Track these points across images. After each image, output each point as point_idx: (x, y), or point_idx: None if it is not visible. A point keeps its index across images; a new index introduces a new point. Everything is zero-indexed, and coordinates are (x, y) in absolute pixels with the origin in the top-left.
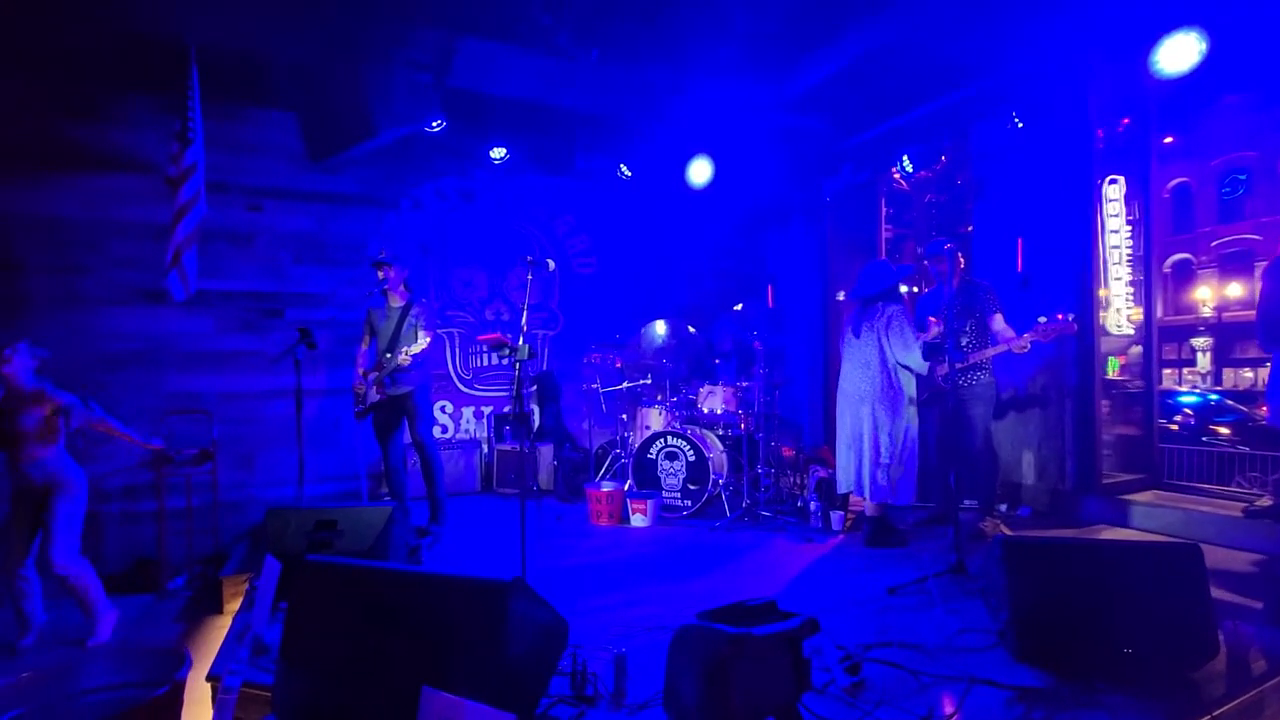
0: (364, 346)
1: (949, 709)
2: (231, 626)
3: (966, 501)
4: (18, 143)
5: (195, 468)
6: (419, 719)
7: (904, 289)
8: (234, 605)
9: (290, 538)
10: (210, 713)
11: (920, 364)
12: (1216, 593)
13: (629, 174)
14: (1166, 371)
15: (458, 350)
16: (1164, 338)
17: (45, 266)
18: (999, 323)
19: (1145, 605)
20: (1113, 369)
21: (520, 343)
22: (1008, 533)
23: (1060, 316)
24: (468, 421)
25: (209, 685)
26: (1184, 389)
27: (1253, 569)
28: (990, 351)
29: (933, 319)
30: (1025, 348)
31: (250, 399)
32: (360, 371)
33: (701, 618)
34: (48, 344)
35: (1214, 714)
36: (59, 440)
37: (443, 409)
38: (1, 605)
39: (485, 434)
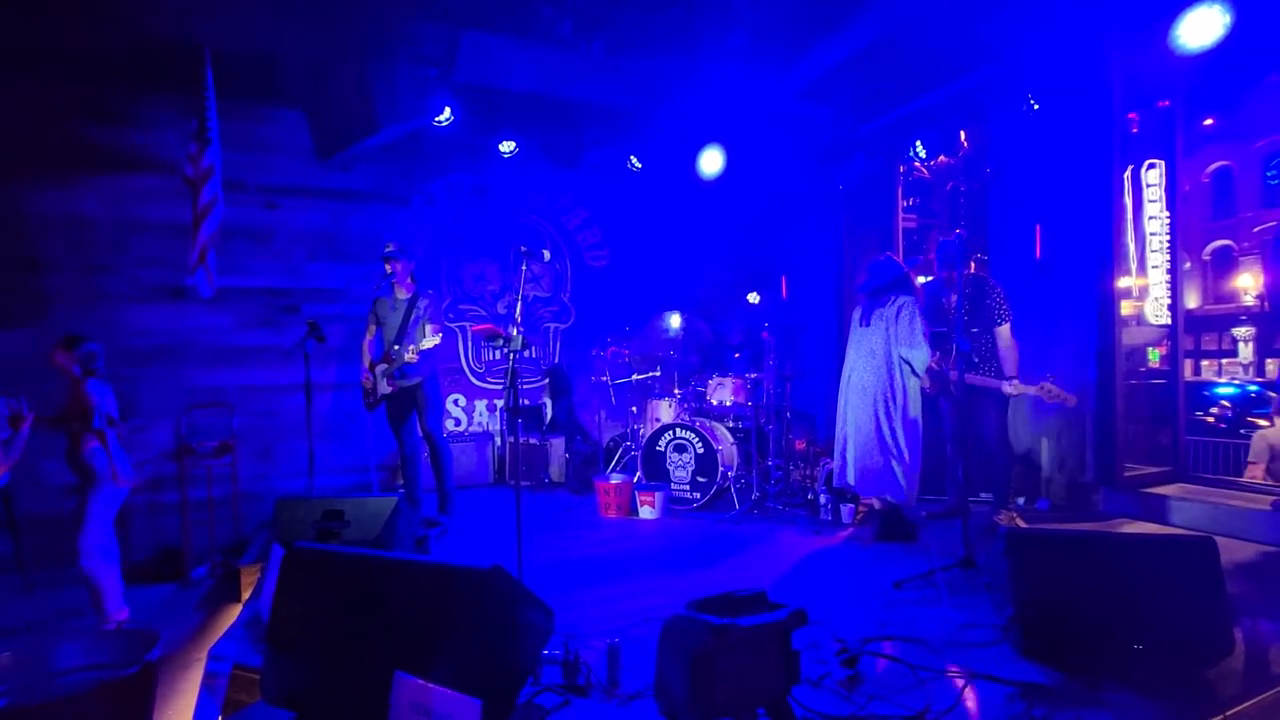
0: (369, 337)
1: (946, 704)
2: (241, 614)
3: (982, 495)
4: (43, 145)
5: (216, 459)
6: (391, 703)
7: (923, 279)
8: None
9: (298, 528)
10: None
11: (923, 360)
12: (1237, 588)
13: (639, 166)
14: (1205, 363)
15: (470, 344)
16: (1203, 327)
17: (71, 265)
18: (1005, 336)
19: (1156, 600)
20: (1153, 359)
21: (514, 333)
22: (1022, 525)
23: (1065, 395)
24: (480, 414)
25: None
26: (1222, 380)
27: (1278, 564)
28: (986, 382)
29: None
30: (1013, 394)
31: (269, 392)
32: (367, 363)
33: (690, 608)
34: None
35: (1228, 714)
36: (97, 433)
37: (456, 402)
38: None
39: (498, 427)
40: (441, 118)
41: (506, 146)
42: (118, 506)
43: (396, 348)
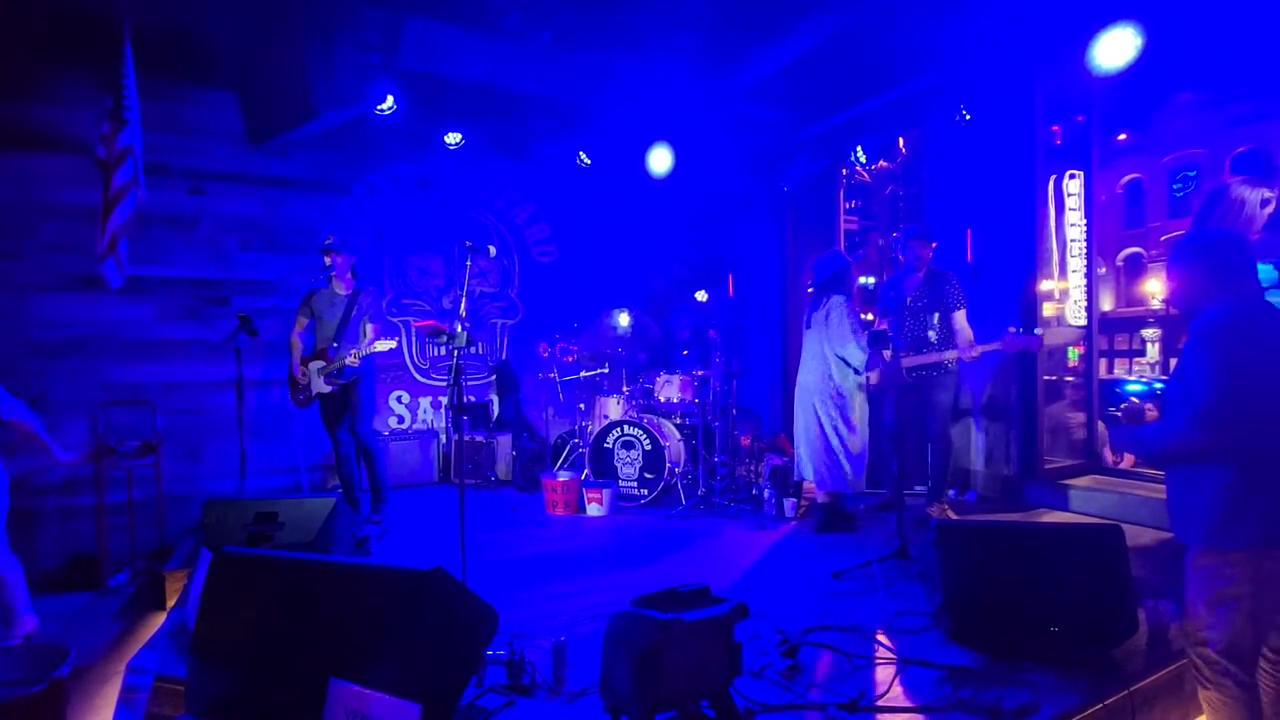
0: (298, 330)
1: (880, 690)
2: (165, 622)
3: (917, 487)
4: None
5: (137, 460)
6: (326, 710)
7: (865, 280)
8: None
9: (228, 531)
10: None
11: (859, 358)
12: (1142, 572)
13: (588, 162)
14: (1119, 362)
15: (414, 340)
16: (1116, 329)
17: None
18: (960, 319)
19: (1070, 585)
20: (1073, 358)
21: (459, 330)
22: (953, 517)
23: (1029, 339)
24: (425, 411)
25: None
26: (1131, 378)
27: (1178, 549)
28: (948, 355)
29: (872, 316)
30: (974, 357)
31: (196, 389)
32: (297, 357)
33: (635, 604)
34: None
35: (1132, 689)
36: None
37: (399, 399)
38: None
39: (443, 424)
40: (384, 106)
41: (452, 138)
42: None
43: (335, 346)
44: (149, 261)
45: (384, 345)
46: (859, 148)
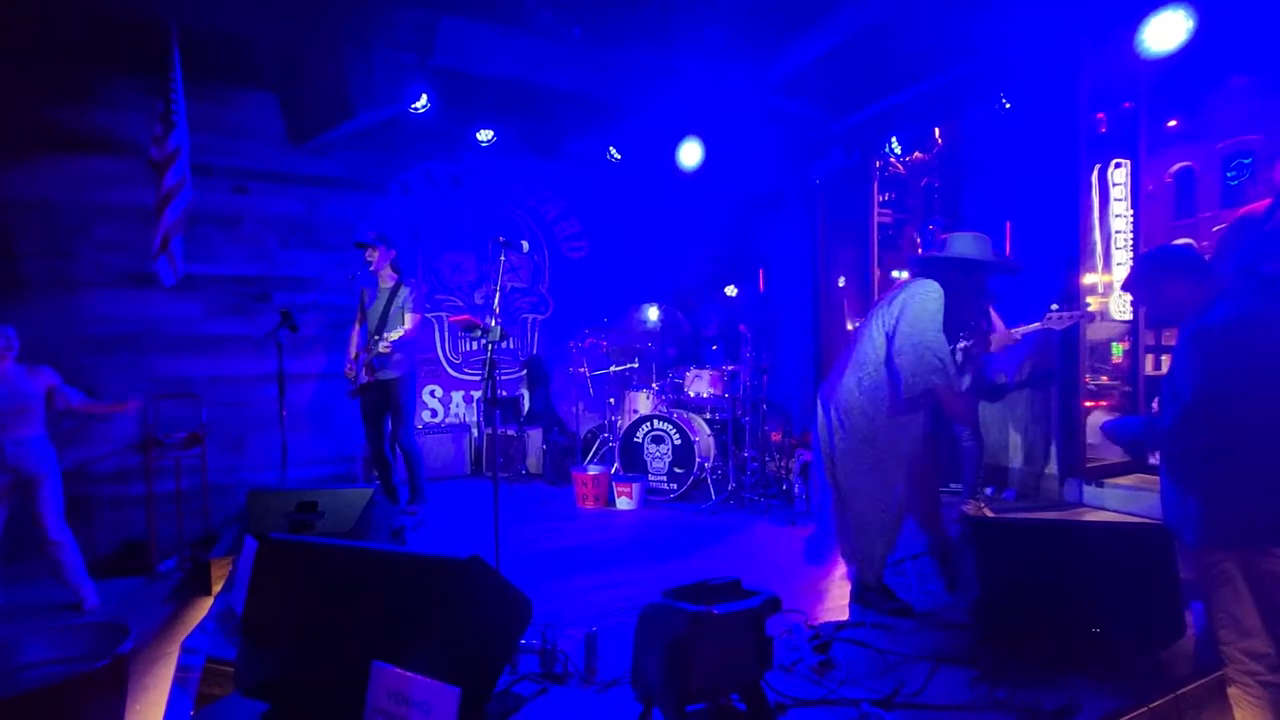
0: (356, 327)
1: (913, 688)
2: (213, 606)
3: (952, 485)
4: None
5: (184, 451)
6: (368, 693)
7: (898, 275)
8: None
9: (271, 519)
10: None
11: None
12: (1190, 573)
13: (618, 157)
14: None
15: (446, 334)
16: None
17: (30, 250)
18: (990, 314)
19: (1112, 585)
20: (1117, 354)
21: (492, 324)
22: (988, 515)
23: (1073, 315)
24: (457, 406)
25: None
26: None
27: None
28: (991, 338)
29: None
30: (1017, 339)
31: (240, 383)
32: (352, 354)
33: (666, 596)
34: (34, 328)
35: (1178, 693)
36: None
37: (432, 393)
38: None
39: (475, 418)
40: (418, 105)
41: (484, 135)
42: None
43: (376, 337)
44: (196, 260)
45: (395, 333)
46: (893, 140)
